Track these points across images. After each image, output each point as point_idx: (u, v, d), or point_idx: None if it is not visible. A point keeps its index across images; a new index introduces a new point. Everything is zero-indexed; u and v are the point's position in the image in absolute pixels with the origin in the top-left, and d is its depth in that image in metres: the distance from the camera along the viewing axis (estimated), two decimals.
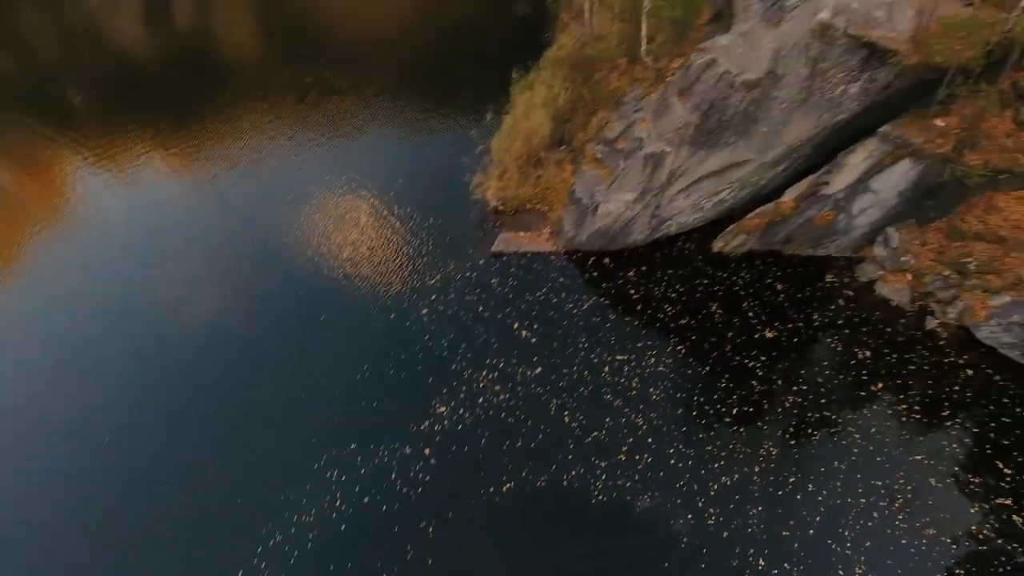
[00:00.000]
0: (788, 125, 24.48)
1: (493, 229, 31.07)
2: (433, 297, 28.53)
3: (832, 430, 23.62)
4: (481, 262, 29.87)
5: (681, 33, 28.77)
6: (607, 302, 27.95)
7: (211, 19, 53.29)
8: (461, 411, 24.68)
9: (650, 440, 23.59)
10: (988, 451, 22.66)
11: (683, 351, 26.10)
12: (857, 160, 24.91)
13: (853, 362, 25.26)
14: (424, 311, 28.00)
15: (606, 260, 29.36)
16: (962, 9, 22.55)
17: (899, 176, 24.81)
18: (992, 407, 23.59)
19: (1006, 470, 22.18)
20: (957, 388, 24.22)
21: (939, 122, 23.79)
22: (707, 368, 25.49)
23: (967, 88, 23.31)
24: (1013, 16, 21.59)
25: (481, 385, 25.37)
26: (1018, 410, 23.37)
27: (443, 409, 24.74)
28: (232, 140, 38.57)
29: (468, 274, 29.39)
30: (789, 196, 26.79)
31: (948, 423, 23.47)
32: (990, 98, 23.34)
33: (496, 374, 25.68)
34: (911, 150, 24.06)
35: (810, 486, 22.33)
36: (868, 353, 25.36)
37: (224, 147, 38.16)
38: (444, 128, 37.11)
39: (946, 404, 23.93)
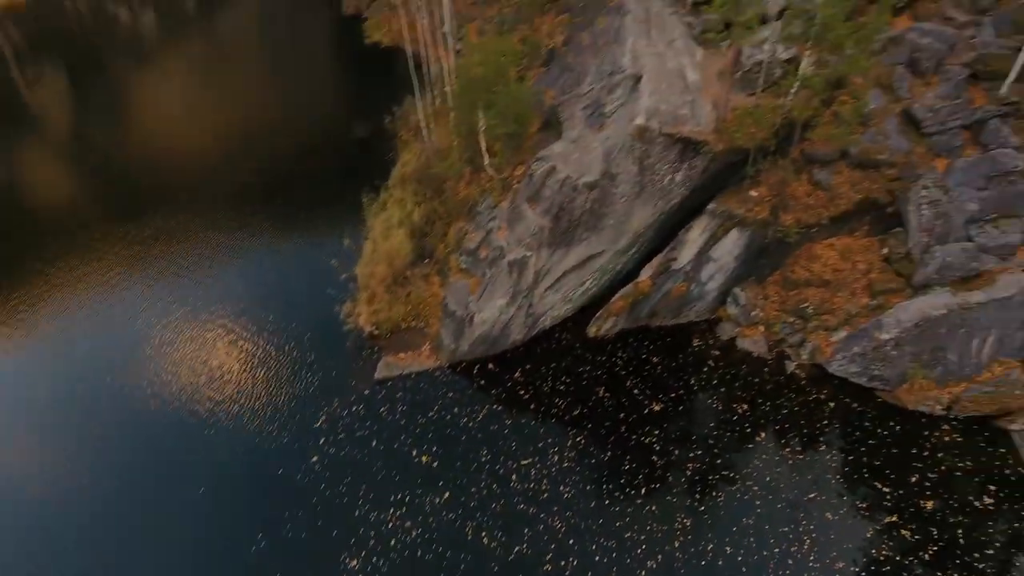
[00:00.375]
0: (631, 216, 26.74)
1: (373, 356, 30.40)
2: (322, 440, 27.05)
3: (733, 488, 24.83)
4: (366, 392, 28.96)
5: (517, 144, 30.83)
6: (500, 408, 28.00)
7: (17, 178, 49.21)
8: (374, 559, 23.17)
9: (571, 542, 23.40)
10: (865, 474, 24.86)
11: (582, 441, 26.56)
12: (695, 235, 27.58)
13: (735, 417, 27.01)
14: (314, 458, 26.40)
15: (491, 366, 29.62)
16: (748, 99, 26.30)
17: (732, 243, 27.73)
18: (858, 433, 26.08)
19: (884, 489, 24.38)
20: (825, 422, 26.59)
21: (753, 193, 27.11)
22: (608, 454, 26.06)
23: (768, 162, 26.93)
24: (788, 101, 25.52)
25: (390, 526, 24.07)
26: (879, 431, 26.01)
27: (354, 563, 23.09)
28: (73, 304, 35.05)
29: (355, 408, 28.30)
30: (645, 275, 28.88)
31: (827, 456, 25.56)
32: (787, 167, 27.10)
33: (404, 510, 24.53)
34: (737, 220, 27.11)
35: (727, 548, 23.11)
36: (745, 406, 27.27)
37: (64, 313, 34.55)
38: (303, 261, 36.35)
39: (820, 439, 26.12)
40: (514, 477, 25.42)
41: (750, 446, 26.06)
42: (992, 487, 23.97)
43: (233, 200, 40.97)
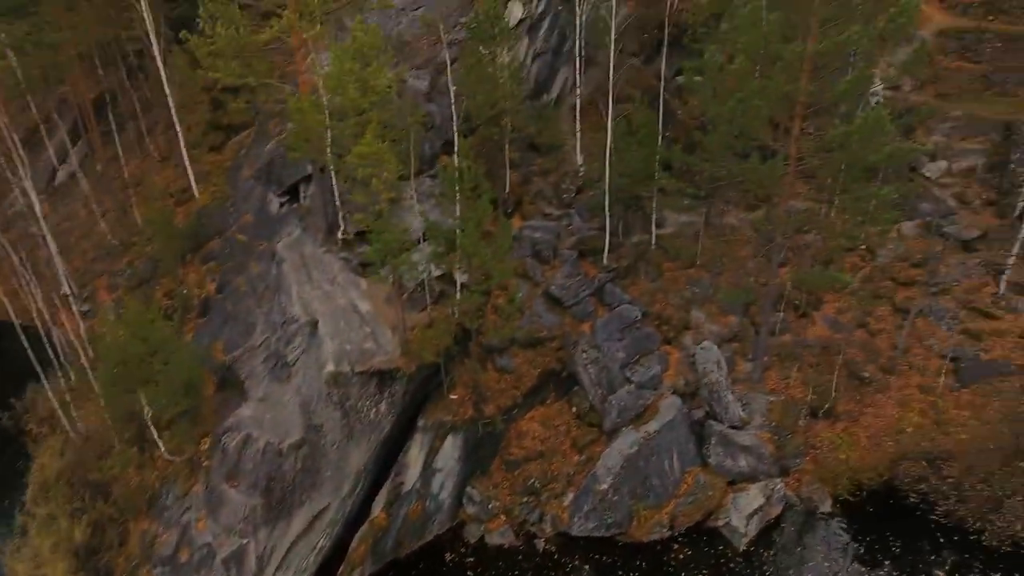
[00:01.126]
0: (347, 459, 25.50)
1: None
2: None
3: None
4: None
5: (195, 415, 27.47)
6: None
7: None
8: None
9: None
10: None
11: None
12: (415, 454, 27.53)
13: None
14: None
15: None
16: (421, 315, 28.17)
17: (450, 448, 28.36)
18: None
19: None
20: None
21: (453, 397, 28.53)
22: None
23: (457, 364, 28.77)
24: (455, 310, 28.06)
25: None
26: (632, 574, 27.86)
27: None
28: None
29: None
30: (378, 509, 27.44)
31: None
32: (474, 364, 29.33)
33: None
34: (448, 427, 28.01)
35: None
36: None
37: None
38: None
39: None
40: None
41: None
42: None
43: None
